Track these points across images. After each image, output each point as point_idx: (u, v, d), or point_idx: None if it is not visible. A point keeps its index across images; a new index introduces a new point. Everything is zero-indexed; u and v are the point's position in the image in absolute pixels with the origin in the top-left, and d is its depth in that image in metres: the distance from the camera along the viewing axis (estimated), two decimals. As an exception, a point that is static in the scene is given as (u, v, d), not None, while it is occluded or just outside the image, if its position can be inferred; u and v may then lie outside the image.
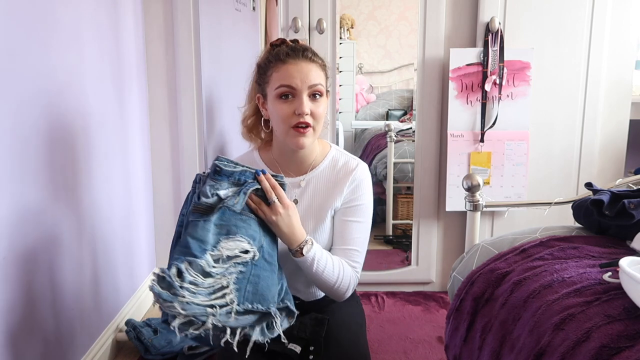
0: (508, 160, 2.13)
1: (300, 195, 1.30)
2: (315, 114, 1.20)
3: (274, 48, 1.25)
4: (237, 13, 2.46)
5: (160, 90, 2.17)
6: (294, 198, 1.29)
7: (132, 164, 2.01)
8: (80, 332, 1.60)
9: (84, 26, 1.60)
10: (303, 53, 1.20)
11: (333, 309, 1.36)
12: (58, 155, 1.46)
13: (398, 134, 2.73)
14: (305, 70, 1.18)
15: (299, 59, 1.19)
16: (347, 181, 1.28)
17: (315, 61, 1.22)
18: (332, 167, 1.31)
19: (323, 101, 1.23)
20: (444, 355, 1.35)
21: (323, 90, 1.22)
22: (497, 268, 1.22)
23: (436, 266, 2.30)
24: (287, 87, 1.18)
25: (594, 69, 2.11)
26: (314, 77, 1.19)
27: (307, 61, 1.19)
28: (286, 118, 1.19)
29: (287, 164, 1.30)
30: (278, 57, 1.20)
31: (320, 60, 1.24)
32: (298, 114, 1.18)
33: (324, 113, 1.23)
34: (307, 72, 1.18)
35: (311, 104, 1.19)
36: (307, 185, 1.29)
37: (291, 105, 1.18)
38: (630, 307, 0.89)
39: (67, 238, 1.52)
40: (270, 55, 1.23)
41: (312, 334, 1.24)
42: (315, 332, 1.24)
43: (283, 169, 1.31)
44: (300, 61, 1.19)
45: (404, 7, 2.95)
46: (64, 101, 1.49)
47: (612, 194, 1.25)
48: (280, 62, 1.19)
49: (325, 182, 1.30)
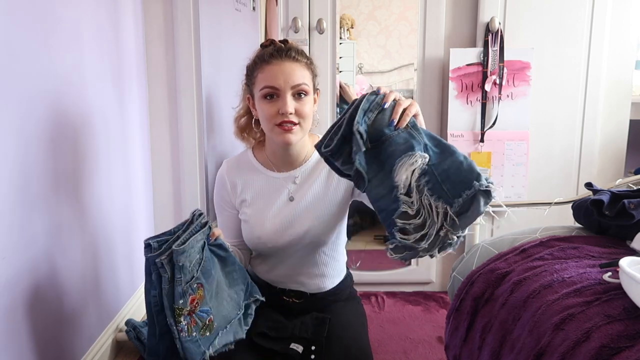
0: (508, 160, 2.13)
1: (296, 191, 1.30)
2: (300, 112, 1.21)
3: (262, 49, 1.27)
4: (237, 13, 2.47)
5: (160, 90, 2.17)
6: (290, 196, 1.30)
7: (132, 164, 2.01)
8: (80, 332, 1.60)
9: (84, 26, 1.60)
10: (287, 53, 1.21)
11: (335, 308, 1.36)
12: (58, 156, 1.46)
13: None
14: (289, 70, 1.19)
15: (283, 59, 1.20)
16: None
17: (299, 60, 1.22)
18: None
19: (309, 99, 1.23)
20: (444, 355, 1.35)
21: (308, 88, 1.22)
22: (497, 268, 1.22)
23: (436, 266, 2.30)
24: (271, 87, 1.19)
25: (594, 69, 2.11)
26: (298, 77, 1.20)
27: (290, 61, 1.20)
28: (271, 117, 1.21)
29: (280, 162, 1.31)
30: (263, 59, 1.22)
31: (305, 59, 1.24)
32: (282, 113, 1.19)
33: (310, 111, 1.24)
34: (290, 72, 1.19)
35: (296, 103, 1.20)
36: (302, 182, 1.31)
37: (275, 105, 1.20)
38: (630, 307, 0.89)
39: (67, 237, 1.52)
40: (257, 57, 1.25)
41: (313, 334, 1.24)
42: (317, 332, 1.24)
43: (276, 166, 1.32)
44: (284, 61, 1.20)
45: (404, 7, 2.95)
46: (64, 101, 1.49)
47: (612, 194, 1.25)
48: (265, 63, 1.21)
49: (319, 173, 1.31)
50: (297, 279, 1.33)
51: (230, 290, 1.21)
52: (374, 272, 2.36)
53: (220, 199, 1.37)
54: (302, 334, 1.23)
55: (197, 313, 1.12)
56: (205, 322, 1.14)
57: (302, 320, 1.26)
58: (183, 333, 1.10)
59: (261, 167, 1.32)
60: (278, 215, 1.28)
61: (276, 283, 1.37)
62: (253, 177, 1.32)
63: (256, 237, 1.30)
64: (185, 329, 1.11)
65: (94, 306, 1.70)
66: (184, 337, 1.11)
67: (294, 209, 1.29)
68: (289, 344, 1.22)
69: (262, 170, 1.31)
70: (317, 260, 1.34)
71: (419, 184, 0.96)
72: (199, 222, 1.16)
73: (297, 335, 1.23)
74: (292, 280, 1.35)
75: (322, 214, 1.29)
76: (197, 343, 1.12)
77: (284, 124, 1.20)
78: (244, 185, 1.32)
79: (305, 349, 1.22)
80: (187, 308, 1.11)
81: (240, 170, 1.34)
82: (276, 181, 1.30)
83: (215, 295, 1.16)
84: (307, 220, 1.28)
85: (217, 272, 1.18)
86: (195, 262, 1.12)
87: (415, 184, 0.96)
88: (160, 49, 2.14)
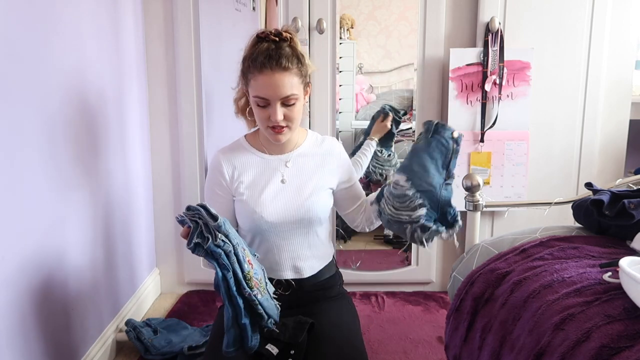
0: (508, 160, 2.13)
1: (289, 174, 1.38)
2: (289, 117, 1.29)
3: (258, 42, 1.29)
4: (237, 13, 2.47)
5: (160, 90, 2.17)
6: (282, 179, 1.37)
7: (132, 164, 2.01)
8: (81, 332, 1.60)
9: (84, 26, 1.60)
10: (277, 62, 1.24)
11: (325, 308, 1.36)
12: (57, 156, 1.46)
13: (398, 134, 2.73)
14: (279, 82, 1.24)
15: (274, 69, 1.24)
16: (333, 160, 1.41)
17: (289, 69, 1.25)
18: (315, 144, 1.43)
19: (298, 104, 1.30)
20: (444, 355, 1.35)
21: (297, 97, 1.28)
22: (497, 268, 1.22)
23: (436, 266, 2.30)
24: (261, 98, 1.26)
25: (594, 69, 2.11)
26: (287, 88, 1.25)
27: (281, 71, 1.24)
28: (262, 121, 1.30)
29: (273, 146, 1.39)
30: (255, 64, 1.25)
31: (296, 65, 1.27)
32: (272, 120, 1.27)
33: (299, 113, 1.32)
34: (280, 85, 1.24)
35: (285, 109, 1.28)
36: (293, 165, 1.39)
37: (266, 111, 1.28)
38: (630, 307, 0.89)
39: (67, 237, 1.52)
40: (251, 58, 1.27)
41: (290, 337, 1.24)
42: (294, 335, 1.25)
43: (269, 150, 1.39)
44: (275, 72, 1.24)
45: (404, 7, 2.95)
46: (64, 102, 1.49)
47: (612, 194, 1.25)
48: (257, 71, 1.25)
49: (311, 158, 1.40)
50: (289, 262, 1.37)
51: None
52: (374, 272, 2.36)
53: (214, 184, 1.40)
54: (279, 336, 1.24)
55: (252, 275, 1.14)
56: (261, 283, 1.16)
57: (284, 322, 1.26)
58: (259, 295, 1.12)
59: (255, 150, 1.40)
60: (272, 193, 1.36)
61: (267, 271, 1.38)
62: (248, 159, 1.39)
63: (254, 212, 1.34)
64: (257, 292, 1.12)
65: (94, 306, 1.70)
66: (261, 298, 1.12)
67: (286, 189, 1.36)
68: (265, 344, 1.22)
69: (256, 152, 1.39)
70: (310, 241, 1.39)
71: None
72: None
73: (274, 337, 1.23)
74: (285, 266, 1.37)
75: (312, 194, 1.37)
76: (269, 301, 1.16)
77: (275, 127, 1.29)
78: (241, 168, 1.38)
79: (284, 351, 1.23)
80: (251, 271, 1.12)
81: (235, 154, 1.40)
82: (270, 162, 1.38)
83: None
84: (298, 200, 1.35)
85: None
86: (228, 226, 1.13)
87: None
88: (160, 49, 2.14)
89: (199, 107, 2.14)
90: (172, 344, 1.78)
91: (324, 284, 1.41)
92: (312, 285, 1.39)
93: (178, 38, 2.10)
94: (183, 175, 2.21)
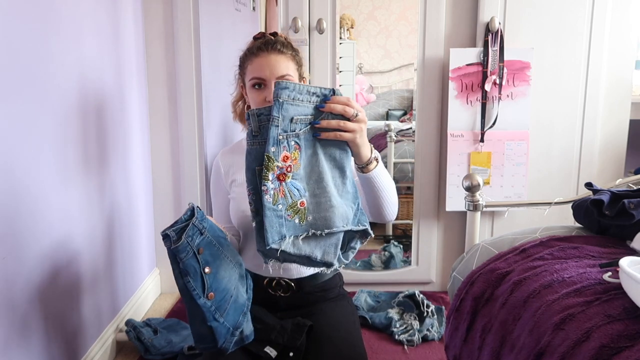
0: (508, 160, 2.13)
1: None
2: None
3: (253, 42, 1.37)
4: (237, 13, 2.47)
5: (160, 90, 2.17)
6: None
7: (132, 164, 2.01)
8: (81, 332, 1.60)
9: (84, 26, 1.60)
10: (273, 46, 1.31)
11: (324, 309, 1.36)
12: (57, 156, 1.46)
13: (398, 134, 2.73)
14: (274, 62, 1.29)
15: (269, 52, 1.30)
16: None
17: (284, 53, 1.32)
18: None
19: None
20: (444, 355, 1.35)
21: (292, 78, 1.32)
22: (497, 268, 1.22)
23: (436, 266, 2.30)
24: (258, 78, 1.30)
25: (594, 69, 2.11)
26: (282, 68, 1.30)
27: (276, 53, 1.31)
28: (259, 104, 1.31)
29: None
30: (252, 51, 1.33)
31: (290, 51, 1.34)
32: (268, 100, 1.28)
33: None
34: (275, 65, 1.29)
35: None
36: None
37: (263, 93, 1.31)
38: (630, 307, 0.89)
39: (68, 238, 1.52)
40: (247, 49, 1.36)
41: (289, 339, 1.24)
42: (292, 338, 1.24)
43: None
44: (270, 54, 1.30)
45: (404, 7, 2.95)
46: (64, 102, 1.49)
47: (612, 194, 1.25)
48: (253, 55, 1.32)
49: None
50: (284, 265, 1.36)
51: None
52: (374, 272, 2.36)
53: (214, 184, 1.46)
54: (278, 339, 1.24)
55: (287, 182, 0.91)
56: (296, 202, 0.92)
57: (283, 324, 1.27)
58: (267, 196, 0.90)
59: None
60: None
61: (265, 272, 1.37)
62: (243, 159, 1.39)
63: (241, 211, 1.35)
64: (271, 193, 0.89)
65: (94, 306, 1.70)
66: (267, 201, 0.89)
67: None
68: (263, 346, 1.22)
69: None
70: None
71: None
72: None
73: (273, 340, 1.23)
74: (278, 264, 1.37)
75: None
76: (281, 219, 0.91)
77: None
78: (236, 167, 1.40)
79: (283, 353, 1.23)
80: (278, 164, 0.90)
81: (233, 155, 1.43)
82: None
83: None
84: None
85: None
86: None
87: None
88: (160, 49, 2.14)
89: (199, 107, 2.14)
90: (172, 344, 1.78)
91: (324, 285, 1.41)
92: (312, 287, 1.38)
93: (178, 38, 2.10)
94: (183, 175, 2.21)
